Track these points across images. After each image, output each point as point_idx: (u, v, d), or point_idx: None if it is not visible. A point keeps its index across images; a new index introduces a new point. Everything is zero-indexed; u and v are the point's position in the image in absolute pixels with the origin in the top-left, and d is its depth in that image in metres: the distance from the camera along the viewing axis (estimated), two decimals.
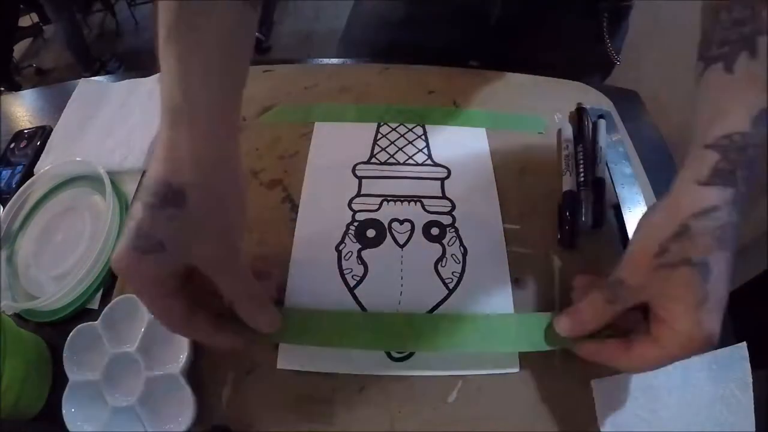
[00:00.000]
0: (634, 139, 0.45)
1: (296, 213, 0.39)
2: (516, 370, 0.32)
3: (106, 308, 0.34)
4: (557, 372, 0.32)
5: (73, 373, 0.32)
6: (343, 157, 0.42)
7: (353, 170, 0.41)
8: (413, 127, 0.44)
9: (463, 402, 0.31)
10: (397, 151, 0.42)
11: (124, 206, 0.40)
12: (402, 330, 0.32)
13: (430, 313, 0.34)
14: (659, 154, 0.45)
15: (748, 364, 0.31)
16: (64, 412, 0.31)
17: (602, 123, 0.43)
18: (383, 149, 0.43)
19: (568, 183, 0.39)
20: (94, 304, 0.36)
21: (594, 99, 0.47)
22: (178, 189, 0.24)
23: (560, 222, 0.38)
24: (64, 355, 0.32)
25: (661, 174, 0.42)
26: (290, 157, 0.42)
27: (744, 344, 0.32)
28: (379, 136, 0.43)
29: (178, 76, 0.26)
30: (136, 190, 0.41)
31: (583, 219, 0.37)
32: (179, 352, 0.32)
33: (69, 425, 0.31)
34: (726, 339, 0.34)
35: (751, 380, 0.31)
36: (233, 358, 0.33)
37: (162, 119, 0.26)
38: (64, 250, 0.39)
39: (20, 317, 0.37)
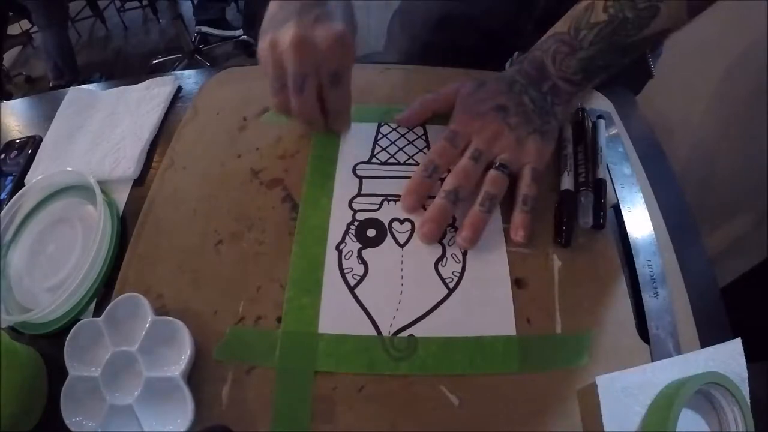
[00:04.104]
0: (631, 139, 0.45)
1: (296, 212, 0.39)
2: (516, 369, 0.32)
3: (109, 305, 0.34)
4: (557, 372, 0.32)
5: (73, 368, 0.32)
6: (344, 156, 0.42)
7: (354, 170, 0.41)
8: (414, 127, 0.44)
9: (463, 401, 0.31)
10: (397, 151, 0.42)
11: (115, 215, 0.40)
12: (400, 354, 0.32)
13: (430, 312, 0.34)
14: (654, 153, 0.45)
15: (744, 360, 0.31)
16: (62, 405, 0.31)
17: (602, 123, 0.43)
18: (384, 149, 0.43)
19: (566, 182, 0.39)
20: (88, 316, 0.36)
21: (593, 99, 0.47)
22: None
23: (557, 221, 0.38)
24: (65, 349, 0.32)
25: (657, 173, 0.42)
26: (291, 157, 0.42)
27: (738, 340, 0.32)
28: (380, 136, 0.44)
29: None
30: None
31: (585, 220, 0.37)
32: (180, 353, 0.32)
33: (66, 420, 0.31)
34: (722, 332, 0.34)
35: (747, 375, 0.31)
36: (233, 359, 0.33)
37: None
38: (56, 261, 0.39)
39: (14, 330, 0.36)
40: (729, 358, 0.31)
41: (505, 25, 0.54)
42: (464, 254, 0.36)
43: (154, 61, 2.14)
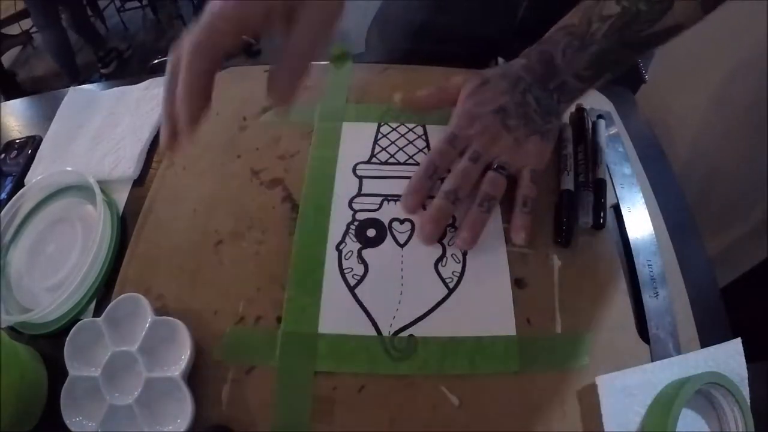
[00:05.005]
0: (631, 139, 0.45)
1: (296, 212, 0.39)
2: (516, 369, 0.32)
3: (109, 305, 0.34)
4: (557, 372, 0.32)
5: (73, 368, 0.32)
6: (344, 156, 0.42)
7: (354, 170, 0.41)
8: (414, 127, 0.44)
9: (463, 401, 0.31)
10: (397, 151, 0.42)
11: (115, 215, 0.40)
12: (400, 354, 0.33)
13: (430, 312, 0.34)
14: (654, 153, 0.45)
15: (744, 360, 0.31)
16: (62, 405, 0.31)
17: (602, 123, 0.43)
18: (384, 149, 0.43)
19: (566, 182, 0.39)
20: (88, 315, 0.36)
21: (593, 99, 0.47)
22: None
23: (557, 221, 0.38)
24: (65, 349, 0.32)
25: (657, 172, 0.42)
26: (291, 157, 0.42)
27: (738, 340, 0.32)
28: (380, 135, 0.44)
29: None
30: None
31: (585, 220, 0.37)
32: (180, 353, 0.32)
33: (66, 419, 0.31)
34: (722, 332, 0.34)
35: (747, 375, 0.31)
36: (233, 359, 0.33)
37: None
38: (56, 261, 0.39)
39: (14, 330, 0.36)
40: (729, 358, 0.31)
41: (485, 34, 0.54)
42: (464, 254, 0.36)
43: (154, 61, 2.14)
